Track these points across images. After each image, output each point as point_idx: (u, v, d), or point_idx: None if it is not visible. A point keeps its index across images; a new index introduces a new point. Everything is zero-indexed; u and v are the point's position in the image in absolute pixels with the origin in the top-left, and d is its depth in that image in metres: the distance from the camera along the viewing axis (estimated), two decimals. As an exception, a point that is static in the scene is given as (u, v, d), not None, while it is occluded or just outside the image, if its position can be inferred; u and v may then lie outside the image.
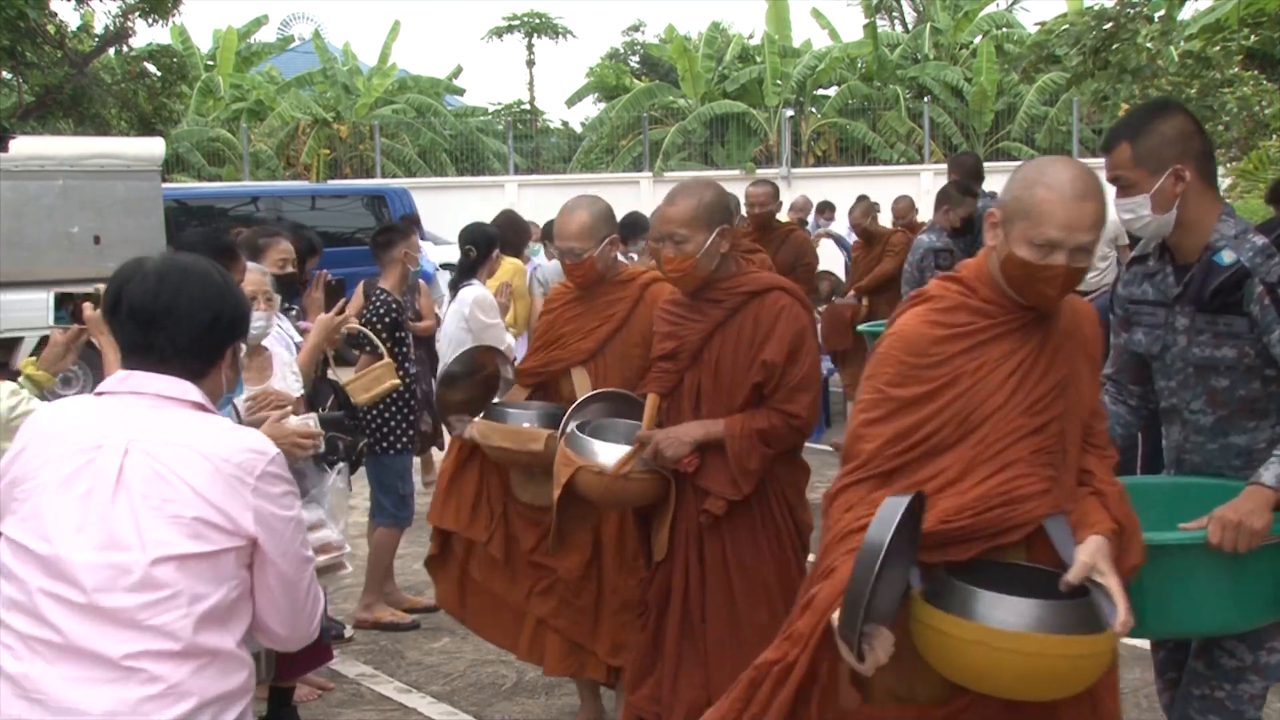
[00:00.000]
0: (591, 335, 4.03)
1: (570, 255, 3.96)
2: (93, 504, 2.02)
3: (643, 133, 25.28)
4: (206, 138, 26.25)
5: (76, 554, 2.00)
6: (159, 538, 2.01)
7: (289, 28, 33.30)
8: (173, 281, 2.16)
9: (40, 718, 1.96)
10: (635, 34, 40.80)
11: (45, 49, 17.88)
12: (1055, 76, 22.00)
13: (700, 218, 3.42)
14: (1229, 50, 11.26)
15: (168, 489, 2.03)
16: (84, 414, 2.15)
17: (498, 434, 4.01)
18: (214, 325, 2.18)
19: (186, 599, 2.01)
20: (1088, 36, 11.50)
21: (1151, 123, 2.76)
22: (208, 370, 2.20)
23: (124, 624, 1.99)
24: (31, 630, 2.00)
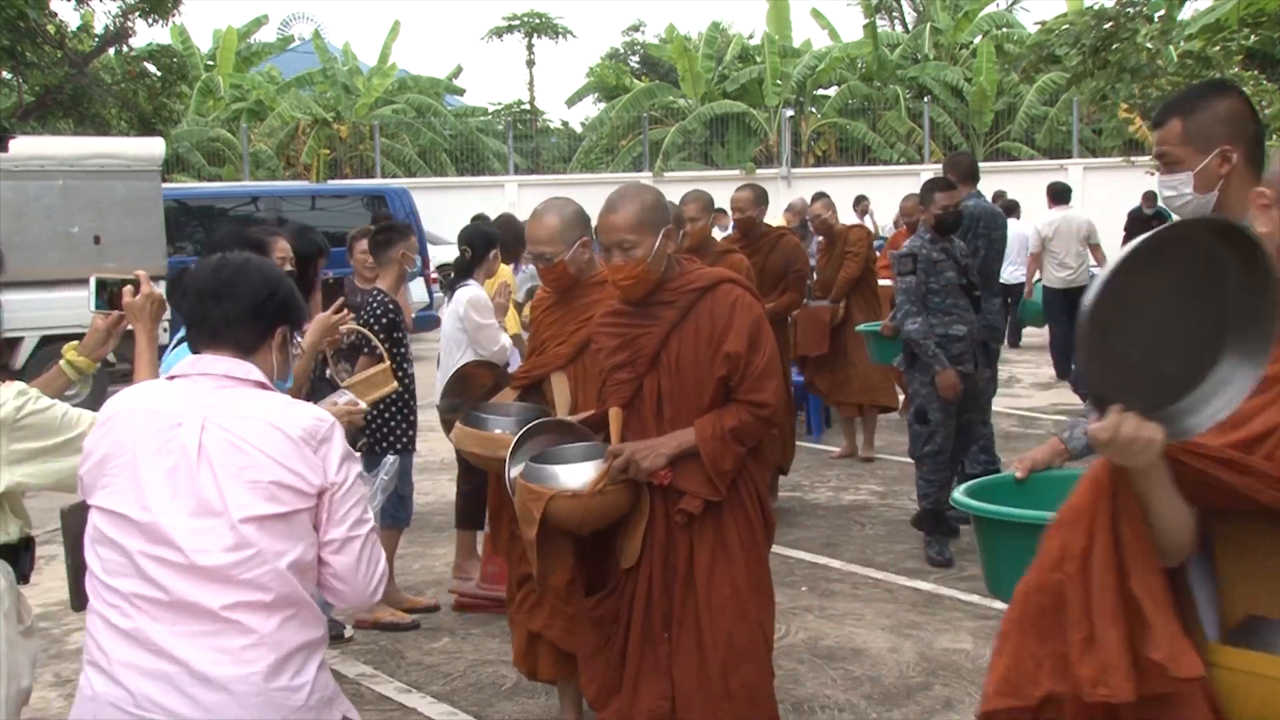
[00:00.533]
0: (569, 340, 4.04)
1: (542, 260, 3.94)
2: (180, 475, 2.25)
3: (643, 133, 25.28)
4: (206, 138, 26.26)
5: (173, 520, 2.23)
6: (241, 502, 2.23)
7: (289, 28, 33.36)
8: (232, 266, 2.45)
9: (155, 665, 2.19)
10: (635, 34, 40.86)
11: (45, 49, 17.88)
12: (1055, 76, 22.00)
13: (646, 222, 3.37)
14: (1229, 50, 11.26)
15: (244, 458, 2.25)
16: (160, 395, 2.38)
17: (470, 440, 4.04)
18: (267, 303, 2.43)
19: (271, 556, 2.22)
20: (1087, 36, 11.51)
21: (1206, 100, 2.71)
22: (259, 345, 2.43)
23: (221, 580, 2.20)
24: (138, 589, 2.22)
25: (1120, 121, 18.41)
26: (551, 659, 4.10)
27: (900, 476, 7.96)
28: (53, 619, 5.67)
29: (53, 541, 6.89)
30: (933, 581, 5.86)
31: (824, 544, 6.55)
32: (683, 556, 3.41)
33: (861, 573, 6.05)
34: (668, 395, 3.43)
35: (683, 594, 3.40)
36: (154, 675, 2.18)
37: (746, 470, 3.45)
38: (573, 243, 3.90)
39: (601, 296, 3.91)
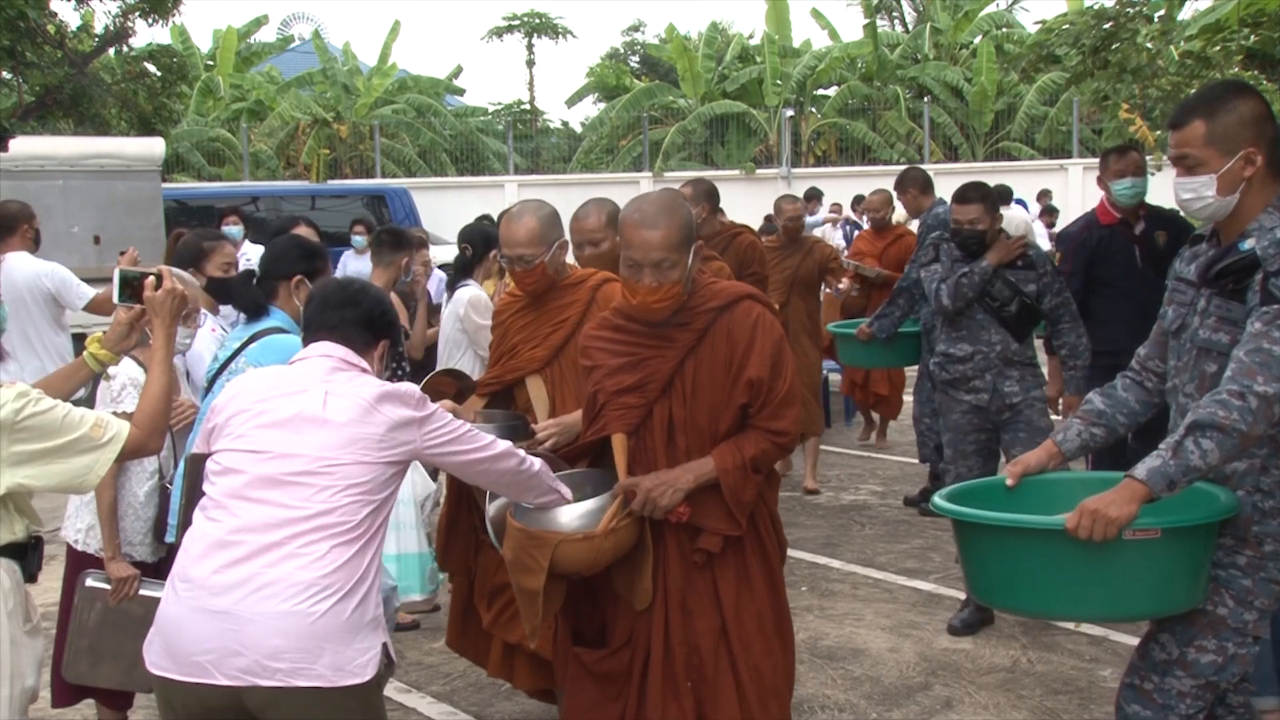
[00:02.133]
0: (545, 342, 3.93)
1: (520, 263, 3.84)
2: (299, 426, 2.68)
3: (643, 133, 25.28)
4: (206, 138, 26.26)
5: (286, 449, 2.66)
6: (356, 449, 2.67)
7: (289, 28, 33.36)
8: (357, 285, 3.01)
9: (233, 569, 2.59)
10: (635, 34, 40.88)
11: (45, 49, 17.88)
12: (1055, 76, 21.99)
13: (685, 239, 3.08)
14: (1229, 50, 11.25)
15: (359, 418, 2.69)
16: (285, 371, 2.85)
17: None
18: (380, 318, 2.95)
19: (363, 490, 2.66)
20: (1087, 36, 11.50)
21: (1230, 101, 2.69)
22: (366, 352, 2.90)
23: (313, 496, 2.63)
24: (252, 508, 2.64)
25: (1120, 122, 18.42)
26: (529, 668, 4.00)
27: (900, 476, 7.96)
28: (54, 619, 5.66)
29: (53, 541, 6.89)
30: (933, 581, 5.86)
31: (824, 544, 6.55)
32: (705, 597, 3.15)
33: (861, 573, 6.05)
34: (680, 424, 3.15)
35: (714, 639, 3.14)
36: (240, 581, 2.56)
37: (761, 495, 3.23)
38: (552, 244, 3.84)
39: (576, 298, 3.90)
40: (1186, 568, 2.68)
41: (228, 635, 2.52)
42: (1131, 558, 2.60)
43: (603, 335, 3.27)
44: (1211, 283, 2.73)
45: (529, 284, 3.89)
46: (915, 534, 6.67)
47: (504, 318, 4.07)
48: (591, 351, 3.27)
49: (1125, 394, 3.05)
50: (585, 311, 3.86)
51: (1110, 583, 2.63)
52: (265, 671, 2.51)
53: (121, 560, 3.79)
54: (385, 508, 2.74)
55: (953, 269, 5.27)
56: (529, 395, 3.92)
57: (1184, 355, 2.87)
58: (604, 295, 3.86)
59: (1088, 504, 2.55)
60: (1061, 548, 2.60)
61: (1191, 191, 2.73)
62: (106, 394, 3.87)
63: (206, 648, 2.53)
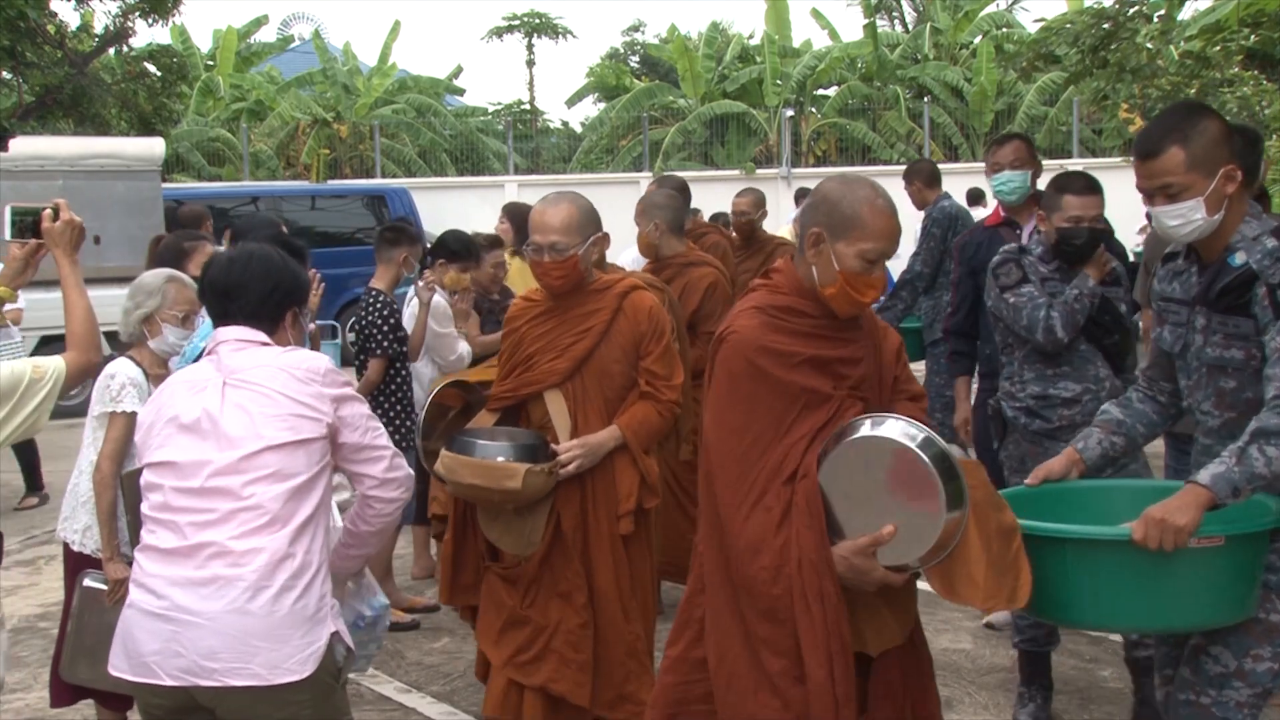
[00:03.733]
0: (567, 353, 3.67)
1: (551, 251, 3.56)
2: (204, 429, 2.71)
3: (643, 133, 25.27)
4: (206, 138, 26.24)
5: (200, 456, 2.69)
6: (262, 433, 2.68)
7: (289, 28, 33.37)
8: (240, 262, 2.88)
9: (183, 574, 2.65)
10: (635, 34, 40.86)
11: (45, 49, 17.89)
12: (1055, 76, 22.00)
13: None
14: (1229, 50, 11.25)
15: (265, 399, 2.71)
16: (192, 371, 2.89)
17: (467, 470, 3.54)
18: (273, 292, 2.87)
19: (280, 477, 2.67)
20: (1087, 36, 11.50)
21: (1200, 123, 2.70)
22: (274, 329, 2.88)
23: (228, 496, 2.66)
24: (170, 516, 2.70)
25: (1120, 122, 18.41)
26: (542, 710, 3.75)
27: (900, 476, 7.93)
28: (53, 619, 5.67)
29: (52, 541, 6.90)
30: (933, 581, 5.86)
31: (824, 544, 6.53)
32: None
33: (861, 573, 6.04)
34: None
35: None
36: (184, 583, 2.63)
37: None
38: (588, 238, 3.61)
39: (602, 305, 3.69)
40: (1247, 575, 2.66)
41: (169, 636, 2.61)
42: (1194, 566, 2.56)
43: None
44: (1214, 303, 2.74)
45: (557, 277, 3.61)
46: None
47: (518, 324, 3.80)
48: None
49: (1142, 405, 3.07)
50: (612, 320, 3.67)
51: (1175, 593, 2.59)
52: (203, 671, 2.59)
53: (119, 561, 3.78)
54: (310, 490, 2.72)
55: (1043, 287, 4.10)
56: (546, 411, 3.71)
57: (1193, 374, 2.88)
58: (632, 304, 3.69)
59: (1153, 513, 2.52)
60: (1125, 558, 2.55)
61: (1180, 217, 2.71)
62: (106, 393, 3.88)
63: (152, 649, 2.63)
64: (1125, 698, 4.39)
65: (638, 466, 3.74)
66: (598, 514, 3.74)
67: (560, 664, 3.69)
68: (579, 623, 3.69)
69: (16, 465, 8.06)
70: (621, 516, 3.71)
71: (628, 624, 3.75)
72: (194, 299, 4.08)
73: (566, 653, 3.70)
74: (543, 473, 3.54)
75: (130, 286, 4.11)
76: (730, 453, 2.61)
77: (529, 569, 3.74)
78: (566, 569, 3.71)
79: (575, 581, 3.71)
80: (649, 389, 3.75)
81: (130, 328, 4.03)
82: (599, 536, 3.73)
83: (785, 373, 2.63)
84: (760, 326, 2.68)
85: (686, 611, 2.81)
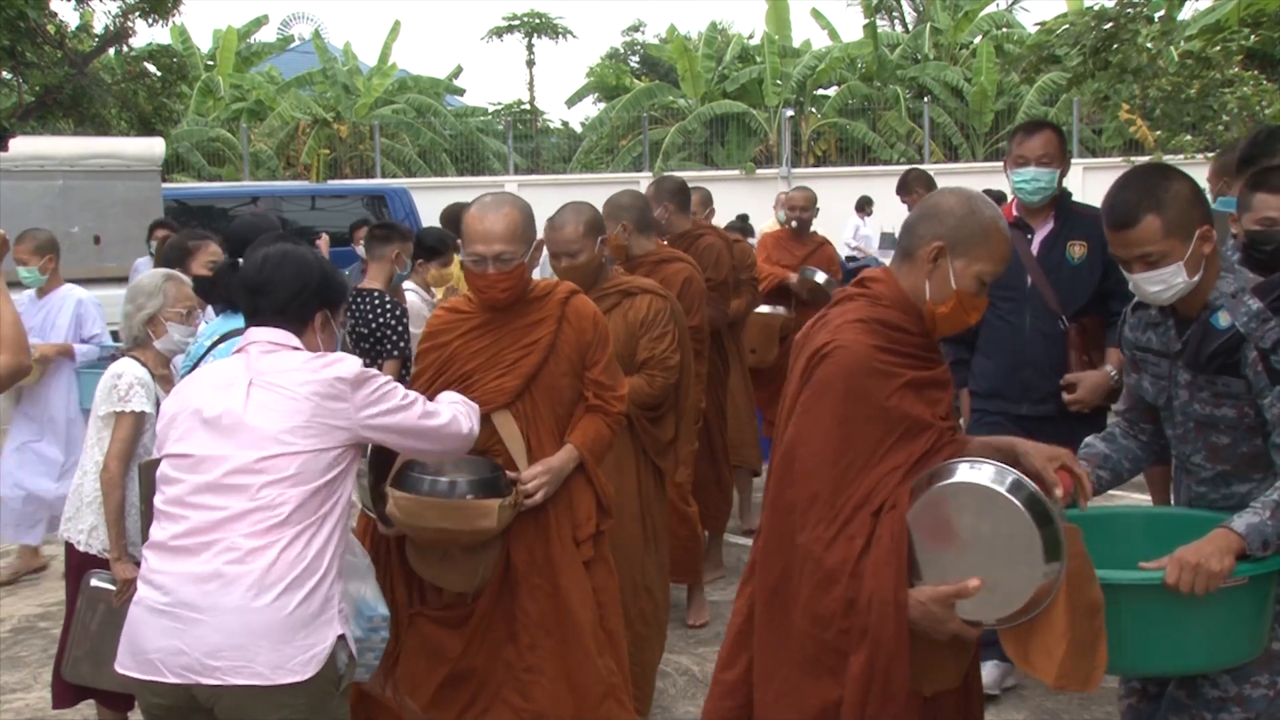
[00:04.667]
0: (514, 370, 3.34)
1: (498, 262, 3.25)
2: (226, 425, 2.70)
3: (643, 133, 25.27)
4: (206, 138, 26.24)
5: (218, 452, 2.69)
6: (283, 436, 2.67)
7: (289, 28, 33.36)
8: (273, 260, 2.86)
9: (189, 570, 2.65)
10: (635, 34, 40.88)
11: (45, 49, 17.89)
12: (1055, 76, 21.99)
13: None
14: (1229, 50, 11.26)
15: (290, 403, 2.70)
16: (220, 368, 2.88)
17: (434, 512, 3.13)
18: (302, 292, 2.84)
19: (297, 480, 2.67)
20: (1088, 37, 11.51)
21: (1170, 188, 2.67)
22: (302, 330, 2.85)
23: (241, 494, 2.66)
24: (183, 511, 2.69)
25: (1121, 122, 18.41)
26: None
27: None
28: (53, 619, 5.67)
29: (52, 542, 6.90)
30: (933, 582, 5.85)
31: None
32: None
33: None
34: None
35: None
36: (190, 579, 2.62)
37: None
38: (531, 242, 3.36)
39: (546, 314, 3.40)
40: (1264, 612, 2.65)
41: (174, 634, 2.60)
42: (1221, 607, 2.54)
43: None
44: (1203, 368, 2.73)
45: (503, 290, 3.30)
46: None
47: (447, 339, 3.41)
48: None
49: (1126, 441, 3.05)
50: (558, 330, 3.40)
51: (1201, 634, 2.56)
52: (205, 669, 2.58)
53: (127, 560, 3.77)
54: (328, 495, 2.72)
55: None
56: (492, 435, 3.34)
57: (1179, 428, 2.86)
58: (575, 310, 3.44)
59: (1185, 557, 2.49)
60: (1154, 602, 2.51)
61: (1161, 283, 2.69)
62: (113, 394, 3.88)
63: (157, 645, 2.62)
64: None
65: (594, 487, 3.49)
66: (562, 542, 3.40)
67: (512, 716, 3.37)
68: (524, 667, 3.36)
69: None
70: (582, 542, 3.44)
71: (600, 658, 3.41)
72: (193, 296, 4.09)
73: (516, 701, 3.37)
74: (510, 506, 3.22)
75: (128, 289, 4.12)
76: (823, 480, 2.42)
77: (478, 608, 3.36)
78: (515, 606, 3.37)
79: (524, 620, 3.36)
80: (598, 402, 3.47)
81: (134, 330, 4.03)
82: (565, 565, 3.39)
83: (887, 396, 2.45)
84: (868, 343, 2.47)
85: (744, 632, 2.65)
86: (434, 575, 3.33)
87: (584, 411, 3.48)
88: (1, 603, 6.07)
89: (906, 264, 2.59)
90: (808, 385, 2.49)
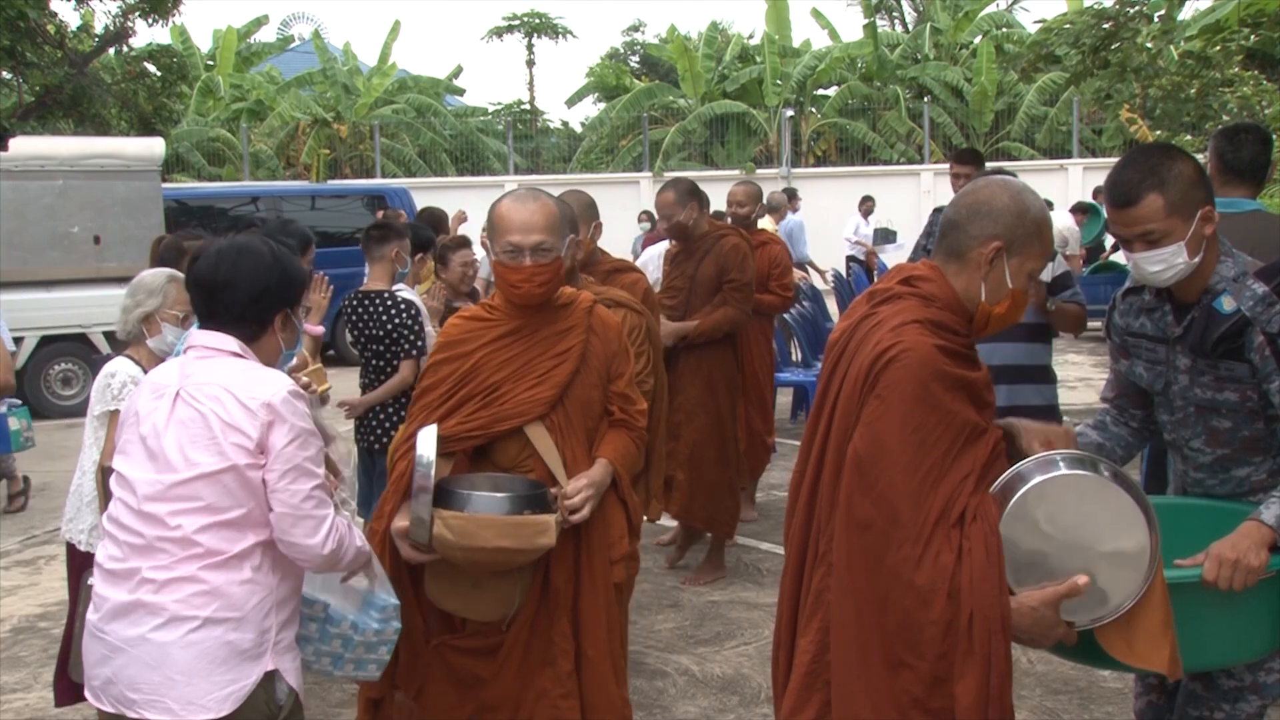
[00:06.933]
0: (547, 380, 3.13)
1: (535, 253, 3.05)
2: (153, 444, 2.59)
3: (643, 133, 25.28)
4: (206, 138, 26.27)
5: (141, 475, 2.58)
6: (195, 459, 2.53)
7: (289, 28, 33.38)
8: (229, 258, 2.66)
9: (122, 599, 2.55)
10: (635, 34, 40.95)
11: (45, 49, 17.89)
12: (1055, 76, 22.02)
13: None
14: (1229, 50, 11.26)
15: (201, 420, 2.55)
16: (162, 371, 2.73)
17: (491, 531, 2.90)
18: (263, 294, 2.66)
19: (210, 510, 2.52)
20: (1088, 36, 11.52)
21: (1174, 168, 2.68)
22: (261, 332, 2.69)
23: (157, 523, 2.54)
24: (119, 534, 2.60)
25: (1121, 122, 18.42)
26: None
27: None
28: (53, 619, 5.67)
29: (52, 542, 6.89)
30: (933, 581, 5.85)
31: (824, 544, 6.51)
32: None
33: (862, 573, 6.02)
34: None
35: None
36: (115, 607, 2.55)
37: None
38: (567, 238, 3.22)
39: (574, 323, 3.21)
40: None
41: (105, 661, 2.56)
42: (1254, 601, 2.55)
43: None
44: (1208, 352, 2.72)
45: (541, 284, 3.09)
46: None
47: (469, 348, 3.16)
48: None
49: (1117, 429, 3.05)
50: (587, 339, 3.21)
51: (1235, 628, 2.57)
52: (127, 701, 2.52)
53: None
54: (255, 525, 2.56)
55: None
56: (522, 449, 3.14)
57: (1177, 412, 2.86)
58: (599, 321, 3.28)
59: (1223, 553, 2.48)
60: (1193, 598, 2.50)
61: (1162, 263, 2.69)
62: (107, 392, 3.88)
63: (95, 672, 2.59)
64: (1125, 698, 4.39)
65: (625, 506, 3.30)
66: (592, 562, 3.21)
67: None
68: (562, 693, 3.16)
69: (16, 465, 8.07)
70: (615, 563, 3.25)
71: (617, 688, 3.25)
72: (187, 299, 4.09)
73: None
74: (560, 523, 3.02)
75: (130, 285, 4.11)
76: (902, 493, 2.24)
77: (513, 635, 3.15)
78: (553, 630, 3.16)
79: (563, 645, 3.16)
80: (623, 416, 3.29)
81: (129, 326, 4.03)
82: (592, 588, 3.20)
83: (951, 401, 2.29)
84: (934, 347, 2.32)
85: (814, 671, 2.42)
86: (461, 605, 3.11)
87: (608, 426, 3.28)
88: (1, 603, 6.07)
89: (955, 263, 2.45)
90: (874, 393, 2.31)
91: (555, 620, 3.16)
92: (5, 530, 7.30)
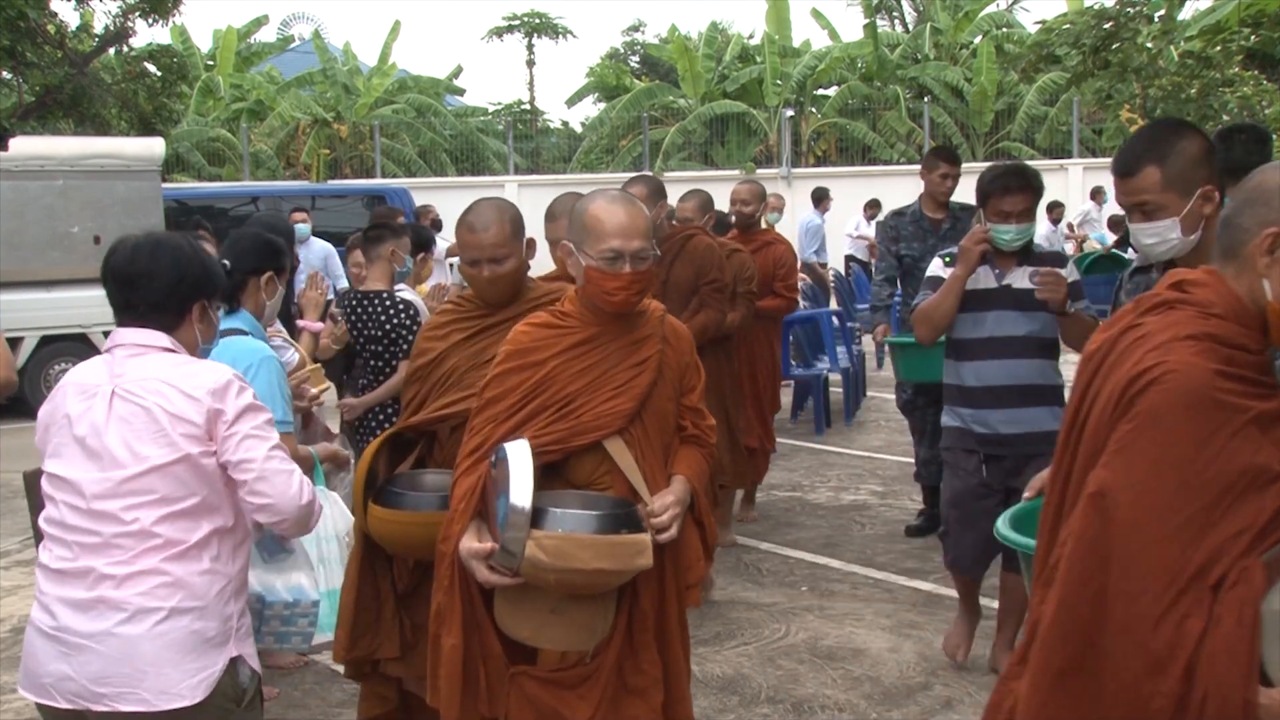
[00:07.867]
0: (626, 391, 2.92)
1: (635, 260, 2.85)
2: (91, 443, 2.59)
3: (643, 133, 25.27)
4: (206, 138, 26.26)
5: (85, 475, 2.59)
6: (144, 454, 2.56)
7: (289, 28, 33.38)
8: (145, 251, 2.70)
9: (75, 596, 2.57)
10: (635, 34, 40.94)
11: (45, 49, 17.89)
12: (1055, 76, 22.01)
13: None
14: (1229, 50, 11.27)
15: (146, 415, 2.58)
16: (85, 372, 2.71)
17: (590, 551, 2.67)
18: (179, 284, 2.70)
19: (165, 501, 2.56)
20: (1088, 36, 11.52)
21: (1178, 143, 2.69)
22: (179, 322, 2.72)
23: (111, 520, 2.56)
24: (64, 535, 2.61)
25: (1122, 122, 18.41)
26: None
27: (900, 476, 7.95)
28: (52, 619, 5.67)
29: (53, 541, 6.88)
30: (933, 581, 5.86)
31: (824, 544, 6.55)
32: None
33: (861, 573, 6.05)
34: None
35: None
36: (73, 605, 2.57)
37: None
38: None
39: (649, 331, 3.03)
40: None
41: (62, 659, 2.56)
42: None
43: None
44: None
45: (637, 292, 2.91)
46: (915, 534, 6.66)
47: (542, 357, 2.94)
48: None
49: None
50: (663, 348, 3.01)
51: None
52: (93, 696, 2.54)
53: None
54: (210, 513, 2.61)
55: None
56: (598, 466, 2.95)
57: None
58: (672, 330, 3.08)
59: None
60: None
61: (1155, 235, 2.71)
62: None
63: (48, 670, 2.59)
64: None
65: (701, 527, 3.11)
66: (676, 586, 3.05)
67: None
68: None
69: (16, 465, 8.06)
70: (691, 587, 3.10)
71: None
72: None
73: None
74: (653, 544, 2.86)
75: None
76: (1152, 538, 1.88)
77: (602, 665, 2.91)
78: (641, 658, 2.95)
79: (654, 673, 2.96)
80: (696, 431, 3.09)
81: None
82: (670, 614, 3.03)
83: (1228, 439, 1.87)
84: (1208, 367, 1.91)
85: (1000, 695, 2.21)
86: (534, 634, 2.86)
87: (680, 442, 3.08)
88: (1, 603, 6.07)
89: (1233, 264, 2.02)
90: (1127, 418, 1.94)
91: (644, 648, 2.96)
92: (5, 530, 7.30)
